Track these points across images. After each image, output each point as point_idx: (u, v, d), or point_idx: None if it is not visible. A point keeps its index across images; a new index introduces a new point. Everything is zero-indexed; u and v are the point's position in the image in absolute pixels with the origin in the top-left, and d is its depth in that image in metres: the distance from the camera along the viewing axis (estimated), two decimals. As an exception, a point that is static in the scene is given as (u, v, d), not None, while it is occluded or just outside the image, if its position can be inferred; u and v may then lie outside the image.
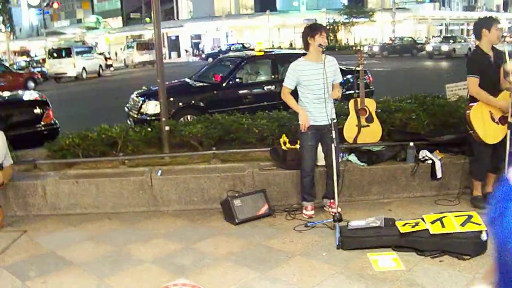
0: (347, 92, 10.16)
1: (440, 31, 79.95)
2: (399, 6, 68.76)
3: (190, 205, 6.49)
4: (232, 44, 57.22)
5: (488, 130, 5.97)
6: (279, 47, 53.36)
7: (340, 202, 6.32)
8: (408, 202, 6.56)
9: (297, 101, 5.95)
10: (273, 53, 13.06)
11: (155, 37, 7.84)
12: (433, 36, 69.66)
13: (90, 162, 7.16)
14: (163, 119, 7.35)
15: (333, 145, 5.50)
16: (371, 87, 12.64)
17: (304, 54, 6.01)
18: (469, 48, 40.69)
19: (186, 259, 5.11)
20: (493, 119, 5.93)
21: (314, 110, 5.81)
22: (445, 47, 43.26)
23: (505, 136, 5.78)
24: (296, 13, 68.79)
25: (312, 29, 5.81)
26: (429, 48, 45.42)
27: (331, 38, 62.41)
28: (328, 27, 63.52)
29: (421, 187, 6.73)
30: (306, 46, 5.89)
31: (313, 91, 5.77)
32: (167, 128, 7.32)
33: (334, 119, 5.54)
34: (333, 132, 5.44)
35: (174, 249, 5.38)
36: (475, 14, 78.35)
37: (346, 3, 67.70)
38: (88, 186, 6.51)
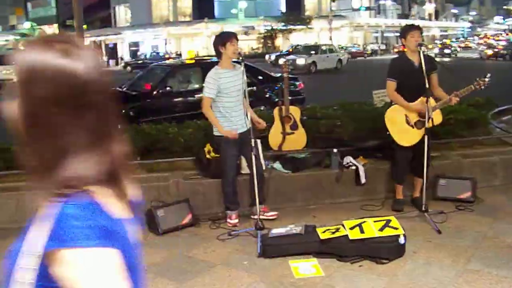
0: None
1: (376, 38, 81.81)
2: (336, 13, 69.98)
3: (116, 217, 6.37)
4: (155, 53, 56.56)
5: (402, 133, 6.13)
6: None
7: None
8: (333, 208, 6.63)
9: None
10: (204, 60, 13.02)
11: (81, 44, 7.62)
12: (367, 44, 71.28)
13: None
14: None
15: (252, 153, 5.51)
16: (302, 93, 12.78)
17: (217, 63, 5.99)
18: (339, 60, 36.50)
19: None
20: (408, 123, 6.09)
21: (234, 118, 5.82)
22: (300, 61, 33.68)
23: (424, 141, 5.93)
24: (235, 20, 68.97)
25: (222, 38, 5.81)
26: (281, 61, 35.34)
27: (269, 44, 62.95)
28: (266, 34, 64.70)
29: (346, 193, 6.82)
30: (219, 54, 5.87)
31: (231, 99, 5.78)
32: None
33: (252, 127, 5.53)
34: (252, 139, 5.44)
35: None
36: (409, 22, 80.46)
37: (283, 11, 68.33)
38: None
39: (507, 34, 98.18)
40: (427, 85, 5.77)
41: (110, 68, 54.76)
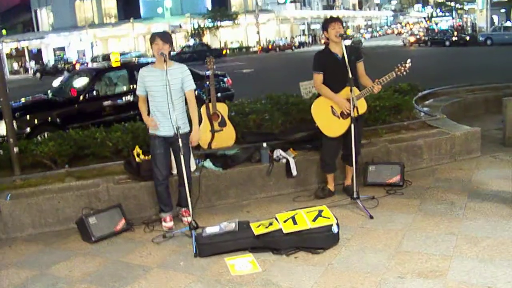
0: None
1: (303, 30, 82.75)
2: (262, 8, 70.35)
3: (45, 228, 6.19)
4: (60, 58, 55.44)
5: (329, 124, 6.22)
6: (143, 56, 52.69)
7: (199, 209, 6.35)
8: (266, 202, 6.66)
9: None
10: (130, 63, 12.85)
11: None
12: (294, 36, 72.01)
13: None
14: (11, 140, 6.96)
15: (180, 154, 5.46)
16: (231, 90, 12.79)
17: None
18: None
19: (38, 286, 4.85)
20: (334, 113, 6.17)
21: (160, 119, 5.76)
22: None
23: (351, 129, 6.02)
24: (161, 19, 68.34)
25: (150, 39, 5.74)
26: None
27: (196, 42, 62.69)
28: (193, 32, 64.41)
29: (277, 186, 6.86)
30: (154, 54, 5.84)
31: (156, 98, 5.71)
32: (16, 149, 6.94)
33: (178, 127, 5.46)
34: (179, 140, 5.39)
35: (25, 277, 5.07)
36: (334, 12, 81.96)
37: (210, 8, 68.18)
38: None
39: (427, 22, 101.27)
40: (350, 75, 5.84)
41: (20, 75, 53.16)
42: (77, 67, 49.47)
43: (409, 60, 5.98)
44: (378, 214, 5.85)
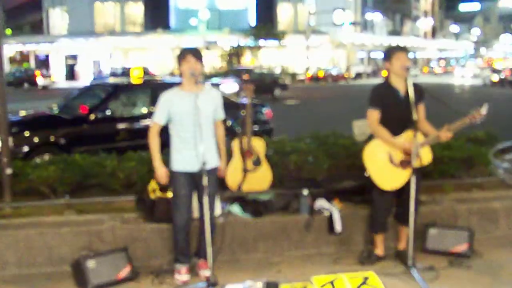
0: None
1: (362, 59, 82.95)
2: (315, 29, 70.81)
3: (33, 268, 6.25)
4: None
5: (384, 174, 6.18)
6: (172, 74, 53.27)
7: (221, 262, 6.34)
8: (301, 261, 6.63)
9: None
10: (154, 81, 13.05)
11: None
12: (351, 65, 72.14)
13: None
14: (5, 159, 7.11)
15: (205, 194, 5.48)
16: (270, 123, 12.87)
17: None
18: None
19: None
20: (391, 161, 6.14)
21: (186, 152, 5.80)
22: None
23: (409, 183, 5.98)
24: (194, 33, 69.39)
25: (179, 55, 5.83)
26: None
27: (235, 63, 63.31)
28: (231, 51, 65.10)
29: (317, 243, 6.83)
30: (181, 74, 5.92)
31: (182, 127, 5.76)
32: (9, 171, 7.07)
33: (205, 163, 5.51)
34: (205, 178, 5.43)
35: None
36: (400, 40, 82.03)
37: (253, 24, 68.89)
38: None
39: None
40: (415, 117, 5.84)
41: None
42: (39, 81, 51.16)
43: (486, 106, 5.91)
44: (437, 289, 5.78)
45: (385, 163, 6.17)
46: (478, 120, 5.88)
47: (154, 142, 5.91)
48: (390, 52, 6.26)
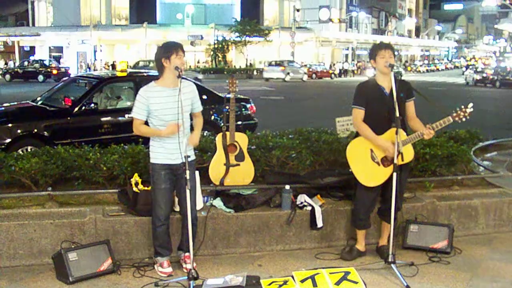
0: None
1: (346, 56, 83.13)
2: (300, 25, 70.85)
3: (13, 261, 6.20)
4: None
5: (366, 171, 6.20)
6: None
7: (201, 256, 6.36)
8: (283, 256, 6.64)
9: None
10: (140, 74, 12.98)
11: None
12: (335, 62, 72.23)
13: None
14: (-15, 150, 7.06)
15: (187, 187, 5.48)
16: (254, 118, 12.85)
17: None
18: None
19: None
20: (373, 158, 6.16)
21: (167, 146, 5.79)
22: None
23: (391, 179, 5.99)
24: (180, 27, 69.25)
25: (166, 49, 5.79)
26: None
27: (220, 58, 63.26)
28: (216, 46, 65.00)
29: (298, 238, 6.85)
30: (161, 68, 5.86)
31: (166, 122, 5.74)
32: (-11, 162, 7.03)
33: (188, 156, 5.51)
34: (187, 171, 5.42)
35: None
36: (385, 38, 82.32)
37: (238, 19, 68.77)
38: None
39: (498, 58, 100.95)
40: (397, 114, 5.85)
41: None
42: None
43: (471, 105, 5.94)
44: (416, 285, 5.80)
45: (367, 160, 6.19)
46: (463, 119, 5.91)
47: (143, 128, 5.91)
48: (375, 50, 6.27)
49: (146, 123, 5.92)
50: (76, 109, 10.58)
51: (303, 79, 56.25)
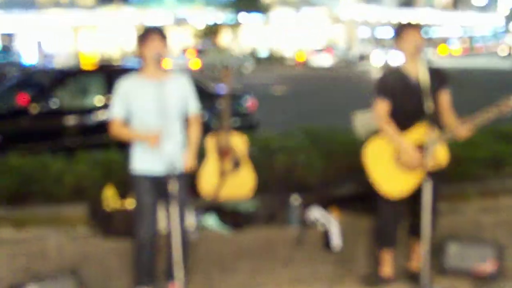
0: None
1: (364, 38, 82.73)
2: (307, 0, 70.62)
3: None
4: None
5: (389, 178, 6.20)
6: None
7: (192, 285, 6.35)
8: (291, 284, 6.63)
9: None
10: (110, 66, 13.03)
11: None
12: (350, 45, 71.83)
13: None
14: None
15: (173, 203, 5.48)
16: (254, 116, 12.88)
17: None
18: None
19: None
20: (399, 163, 6.17)
21: (151, 153, 5.78)
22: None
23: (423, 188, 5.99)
24: (160, 6, 69.08)
25: (141, 35, 5.81)
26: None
27: (211, 44, 63.10)
28: (206, 29, 64.91)
29: (310, 262, 6.86)
30: (141, 59, 5.89)
31: (145, 122, 5.74)
32: None
33: (173, 164, 5.51)
34: (173, 184, 5.43)
35: None
36: (414, 12, 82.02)
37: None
38: None
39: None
40: (428, 109, 5.84)
41: None
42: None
43: None
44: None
45: (390, 164, 6.19)
46: (507, 113, 5.90)
47: (122, 130, 5.86)
48: (400, 30, 6.27)
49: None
50: (34, 108, 10.59)
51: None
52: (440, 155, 6.05)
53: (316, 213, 6.93)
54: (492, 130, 9.32)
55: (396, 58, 6.56)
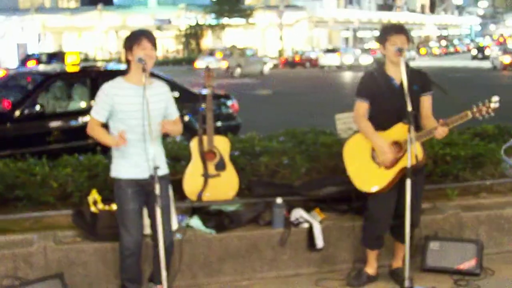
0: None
1: (346, 39, 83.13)
2: (289, 3, 70.72)
3: None
4: None
5: (363, 173, 6.26)
6: (118, 60, 52.89)
7: (178, 287, 6.33)
8: (277, 284, 6.67)
9: None
10: (95, 68, 12.97)
11: None
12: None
13: None
14: None
15: (156, 205, 5.45)
16: (237, 118, 12.87)
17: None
18: None
19: None
20: (374, 159, 6.20)
21: (132, 156, 5.75)
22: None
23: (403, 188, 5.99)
24: (143, 9, 69.05)
25: (128, 39, 5.77)
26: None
27: (192, 46, 63.11)
28: (188, 31, 64.95)
29: (294, 261, 6.87)
30: (127, 63, 5.86)
31: (128, 126, 5.71)
32: None
33: (157, 167, 5.49)
34: (157, 186, 5.40)
35: None
36: (393, 15, 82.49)
37: (214, -2, 68.65)
38: None
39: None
40: (409, 108, 5.83)
41: None
42: None
43: (496, 99, 5.92)
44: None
45: (366, 160, 6.24)
46: (485, 115, 5.91)
47: (97, 130, 5.81)
48: (384, 34, 6.27)
49: (106, 127, 5.89)
50: (18, 112, 10.54)
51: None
52: (418, 154, 6.03)
53: (300, 214, 6.92)
54: (471, 130, 9.35)
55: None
